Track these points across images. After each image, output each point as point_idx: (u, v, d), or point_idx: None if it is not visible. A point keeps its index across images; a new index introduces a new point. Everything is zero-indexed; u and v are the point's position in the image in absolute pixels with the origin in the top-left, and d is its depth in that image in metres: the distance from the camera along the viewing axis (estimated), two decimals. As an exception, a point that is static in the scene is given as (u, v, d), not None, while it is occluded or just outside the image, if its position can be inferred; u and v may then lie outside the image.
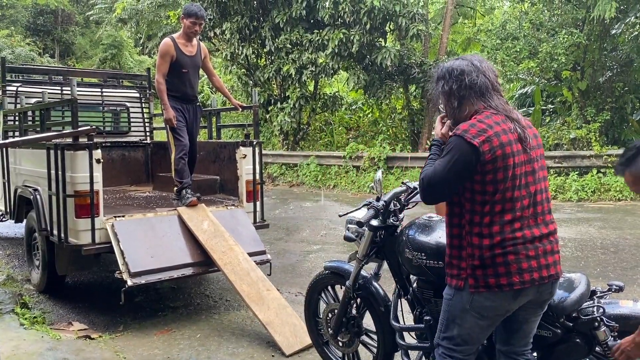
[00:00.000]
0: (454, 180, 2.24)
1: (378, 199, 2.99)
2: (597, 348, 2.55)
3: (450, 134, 2.32)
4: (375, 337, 3.33)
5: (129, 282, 4.26)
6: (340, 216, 3.42)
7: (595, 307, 2.52)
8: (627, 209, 9.47)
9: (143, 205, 5.52)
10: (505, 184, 2.21)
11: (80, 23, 33.45)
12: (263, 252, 5.05)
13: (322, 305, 3.60)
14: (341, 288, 3.37)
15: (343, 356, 3.52)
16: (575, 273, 2.72)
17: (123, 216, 4.72)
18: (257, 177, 5.49)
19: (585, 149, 11.18)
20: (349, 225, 3.28)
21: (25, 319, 4.53)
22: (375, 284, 3.24)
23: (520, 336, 2.46)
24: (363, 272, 3.22)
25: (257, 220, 5.52)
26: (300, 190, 13.17)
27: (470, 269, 2.28)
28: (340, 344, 3.44)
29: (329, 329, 3.46)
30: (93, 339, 4.23)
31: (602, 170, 10.75)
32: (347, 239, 3.29)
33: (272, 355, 3.92)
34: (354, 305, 3.35)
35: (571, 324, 2.55)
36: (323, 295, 3.59)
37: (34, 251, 5.49)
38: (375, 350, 3.32)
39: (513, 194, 2.22)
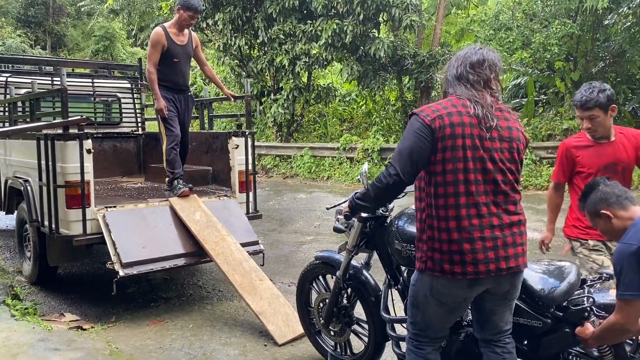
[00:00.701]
0: (416, 152, 2.23)
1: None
2: None
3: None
4: (366, 326, 3.33)
5: (121, 273, 4.24)
6: (327, 209, 3.43)
7: (585, 297, 2.51)
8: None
9: (135, 196, 5.49)
10: (454, 164, 2.21)
11: (71, 14, 33.14)
12: (256, 243, 5.05)
13: (314, 295, 3.60)
14: (332, 278, 3.37)
15: (335, 345, 3.53)
16: (565, 262, 2.72)
17: (114, 207, 4.70)
18: (250, 167, 5.47)
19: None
20: (338, 217, 3.28)
21: (17, 310, 4.50)
22: (365, 273, 3.25)
23: (491, 326, 2.48)
24: (354, 262, 3.23)
25: (250, 211, 5.51)
26: (294, 182, 13.16)
27: (430, 252, 2.30)
28: (332, 333, 3.46)
29: (321, 319, 3.46)
30: (85, 329, 4.21)
31: (595, 160, 10.78)
32: (336, 230, 3.30)
33: (265, 345, 3.92)
34: (345, 295, 3.36)
35: (561, 314, 2.54)
36: (314, 284, 3.59)
37: (25, 242, 5.45)
38: (366, 339, 3.34)
39: (466, 176, 2.21)
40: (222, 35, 14.31)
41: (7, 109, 5.85)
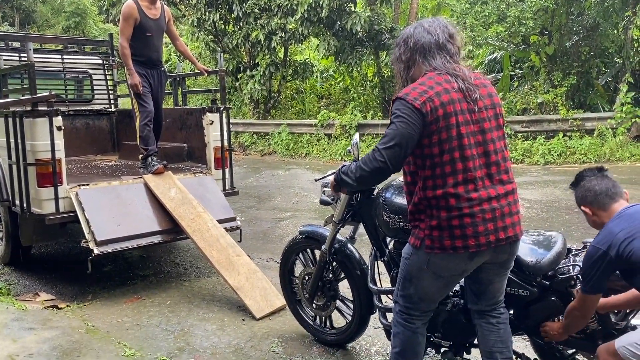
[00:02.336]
0: (405, 141, 2.18)
1: (355, 162, 2.96)
2: None
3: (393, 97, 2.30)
4: (350, 304, 3.35)
5: (96, 251, 4.20)
6: (316, 180, 3.39)
7: (572, 266, 2.56)
8: (591, 171, 9.68)
9: (108, 174, 5.42)
10: (450, 143, 2.19)
11: (40, -11, 32.08)
12: (233, 219, 5.03)
13: (299, 267, 3.59)
14: (318, 252, 3.36)
15: (315, 317, 3.56)
16: (552, 232, 2.76)
17: (87, 185, 4.63)
18: (226, 143, 5.42)
19: (552, 113, 11.35)
20: (325, 189, 3.27)
21: (-10, 291, 4.45)
22: (351, 247, 3.25)
23: (488, 297, 2.49)
24: (338, 236, 3.21)
25: (227, 188, 5.47)
26: (271, 159, 13.11)
27: (428, 230, 2.28)
28: (315, 306, 3.47)
29: (305, 293, 3.46)
30: (60, 308, 4.17)
31: (568, 134, 10.95)
32: (323, 202, 3.28)
33: (243, 319, 3.94)
34: (330, 269, 3.35)
35: (548, 283, 2.58)
36: (301, 256, 3.57)
37: (-3, 223, 5.35)
38: (349, 317, 3.35)
39: (462, 153, 2.20)
40: (195, 9, 14.02)
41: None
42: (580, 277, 2.43)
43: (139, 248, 4.72)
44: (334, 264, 3.32)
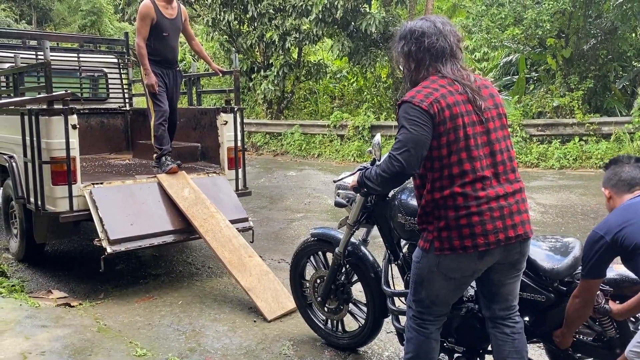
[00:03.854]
0: (418, 143, 2.17)
1: (373, 163, 2.88)
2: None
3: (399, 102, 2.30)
4: (363, 307, 3.32)
5: (109, 250, 4.21)
6: (334, 182, 3.36)
7: None
8: (607, 176, 9.56)
9: (122, 173, 5.43)
10: (458, 144, 2.20)
11: (57, -12, 32.41)
12: (245, 220, 5.02)
13: (310, 270, 3.56)
14: (331, 255, 3.33)
15: (326, 321, 3.53)
16: (569, 238, 2.73)
17: (101, 183, 4.64)
18: (239, 144, 5.42)
19: (568, 116, 11.22)
20: (339, 191, 3.25)
21: (3, 287, 4.47)
22: (364, 250, 3.22)
23: (500, 300, 2.44)
24: (352, 239, 3.18)
25: (239, 188, 5.46)
26: (284, 160, 13.10)
27: (436, 232, 2.27)
28: (327, 310, 3.43)
29: (317, 296, 3.43)
30: (73, 306, 4.19)
31: (584, 138, 10.82)
32: (337, 204, 3.26)
33: (254, 321, 3.92)
34: (343, 271, 3.32)
35: (565, 289, 2.55)
36: (312, 259, 3.54)
37: (12, 219, 5.40)
38: (362, 320, 3.32)
39: (470, 154, 2.21)
40: (210, 9, 14.07)
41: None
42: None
43: (152, 247, 4.72)
44: (348, 266, 3.29)
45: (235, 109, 5.39)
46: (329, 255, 3.41)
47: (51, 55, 4.60)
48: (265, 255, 5.34)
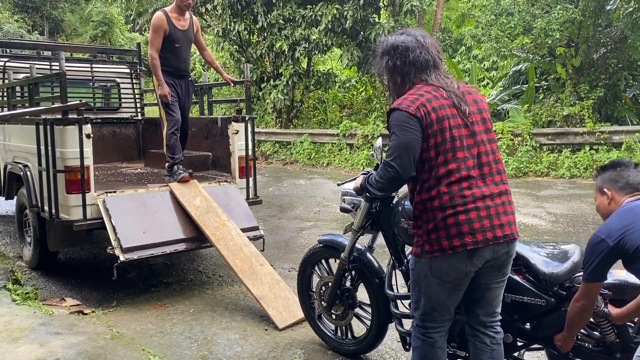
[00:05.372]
0: (410, 147, 2.27)
1: (376, 168, 2.95)
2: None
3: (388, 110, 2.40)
4: (368, 309, 3.34)
5: (121, 258, 4.25)
6: (338, 185, 3.41)
7: None
8: (618, 185, 9.49)
9: (135, 182, 5.48)
10: (445, 146, 2.28)
11: (69, -1, 32.84)
12: (256, 228, 5.05)
13: (315, 280, 3.61)
14: (335, 261, 3.37)
15: (335, 329, 3.54)
16: (569, 244, 2.76)
17: (114, 192, 4.69)
18: (250, 153, 5.46)
19: (578, 125, 11.18)
20: (345, 197, 3.30)
21: (18, 295, 4.52)
22: (369, 256, 3.27)
23: (485, 305, 2.49)
24: (357, 245, 3.23)
25: (250, 196, 5.50)
26: (293, 168, 13.14)
27: (426, 235, 2.35)
28: (334, 316, 3.47)
29: (323, 302, 3.47)
30: (86, 314, 4.23)
31: (595, 147, 10.77)
32: (343, 210, 3.31)
33: (265, 329, 3.93)
34: (349, 277, 3.36)
35: (564, 293, 2.58)
36: (316, 268, 3.60)
37: (26, 228, 5.45)
38: (368, 323, 3.35)
39: (455, 155, 2.29)
40: (221, 20, 14.19)
41: (5, 93, 5.82)
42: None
43: (164, 255, 4.76)
44: (353, 272, 3.33)
45: (247, 119, 5.44)
46: (332, 262, 3.48)
47: (65, 66, 4.67)
48: (276, 264, 5.36)
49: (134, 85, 7.59)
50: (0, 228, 7.17)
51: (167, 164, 5.27)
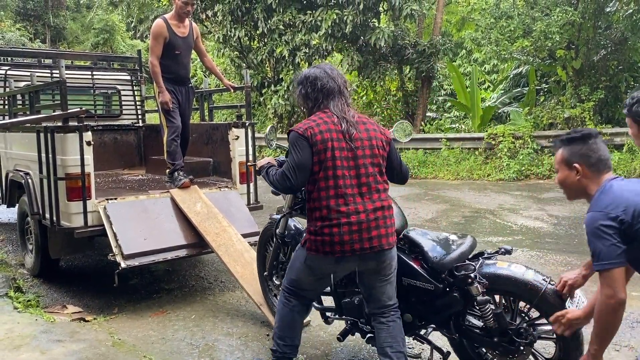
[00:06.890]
0: (302, 164, 2.67)
1: (287, 156, 3.10)
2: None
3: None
4: None
5: (123, 264, 4.25)
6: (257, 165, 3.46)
7: (471, 265, 2.84)
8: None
9: (136, 188, 5.49)
10: (326, 163, 2.67)
11: (70, 7, 33.01)
12: (257, 234, 5.02)
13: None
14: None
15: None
16: (464, 236, 3.08)
17: (115, 199, 4.69)
18: (251, 158, 5.46)
19: (579, 127, 11.17)
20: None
21: (19, 302, 4.52)
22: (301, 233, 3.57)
23: (374, 300, 2.88)
24: (297, 225, 3.57)
25: (251, 202, 5.51)
26: (295, 173, 13.12)
27: (308, 234, 2.77)
28: (274, 286, 3.86)
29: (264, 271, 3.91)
30: (87, 321, 4.22)
31: (596, 149, 10.75)
32: (274, 192, 3.48)
33: (267, 335, 3.93)
34: (285, 251, 3.73)
35: (451, 280, 2.87)
36: (268, 246, 3.95)
37: (27, 235, 5.46)
38: None
39: (335, 172, 2.67)
40: (221, 26, 14.25)
41: (6, 101, 5.84)
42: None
43: (165, 262, 4.76)
44: (288, 248, 3.65)
45: (247, 124, 5.44)
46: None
47: (66, 73, 4.69)
48: (277, 269, 5.35)
49: (135, 92, 7.61)
50: (2, 236, 7.18)
51: (167, 170, 5.28)
